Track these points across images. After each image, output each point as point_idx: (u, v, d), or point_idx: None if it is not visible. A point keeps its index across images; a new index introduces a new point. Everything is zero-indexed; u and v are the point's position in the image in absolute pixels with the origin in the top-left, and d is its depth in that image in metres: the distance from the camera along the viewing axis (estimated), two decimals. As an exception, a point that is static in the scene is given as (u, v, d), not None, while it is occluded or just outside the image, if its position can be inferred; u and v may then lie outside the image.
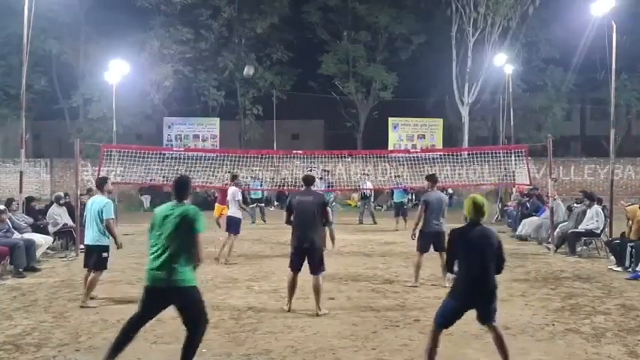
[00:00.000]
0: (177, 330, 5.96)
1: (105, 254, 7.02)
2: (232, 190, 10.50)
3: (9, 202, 10.55)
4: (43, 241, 10.22)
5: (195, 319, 4.50)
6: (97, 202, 7.08)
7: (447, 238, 4.91)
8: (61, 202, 11.71)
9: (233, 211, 10.43)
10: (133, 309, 6.70)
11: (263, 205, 18.24)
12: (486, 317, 4.63)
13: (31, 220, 10.90)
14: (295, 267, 6.67)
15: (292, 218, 6.72)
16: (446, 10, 28.41)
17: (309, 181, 7.10)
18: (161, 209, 4.64)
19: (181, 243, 4.45)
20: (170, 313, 6.51)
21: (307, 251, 6.57)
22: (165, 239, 4.47)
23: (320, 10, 31.57)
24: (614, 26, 12.36)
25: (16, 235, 9.49)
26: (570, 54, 29.13)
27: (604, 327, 6.11)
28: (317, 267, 6.58)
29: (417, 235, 8.14)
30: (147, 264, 4.55)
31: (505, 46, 27.55)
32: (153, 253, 4.52)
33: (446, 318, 4.65)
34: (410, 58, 31.50)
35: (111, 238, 7.14)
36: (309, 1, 31.54)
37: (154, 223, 4.60)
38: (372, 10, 30.37)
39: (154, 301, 4.55)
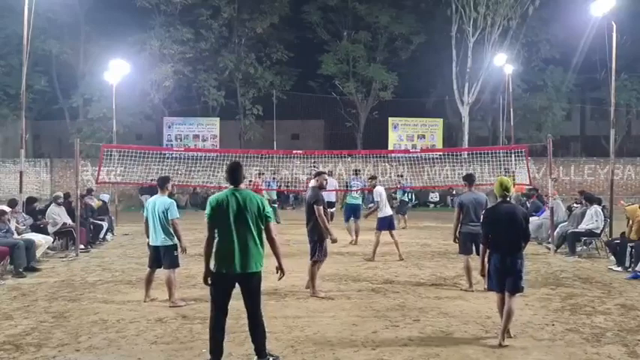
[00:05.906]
0: (177, 330, 5.97)
1: (175, 252, 6.94)
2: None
3: (12, 204, 10.54)
4: (43, 241, 10.21)
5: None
6: (161, 202, 6.92)
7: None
8: (59, 201, 11.69)
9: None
10: (132, 309, 6.79)
11: (276, 205, 17.24)
12: (510, 286, 5.51)
13: (31, 220, 10.89)
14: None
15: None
16: (446, 10, 28.37)
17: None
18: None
19: None
20: (171, 313, 6.57)
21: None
22: None
23: (320, 10, 31.50)
24: (614, 26, 12.36)
25: (16, 235, 9.49)
26: (570, 54, 29.17)
27: (604, 327, 6.10)
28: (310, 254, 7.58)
29: (458, 237, 7.94)
30: None
31: (505, 46, 27.52)
32: None
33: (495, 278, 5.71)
34: (410, 58, 31.48)
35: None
36: (309, 1, 31.49)
37: None
38: (372, 10, 30.32)
39: None
